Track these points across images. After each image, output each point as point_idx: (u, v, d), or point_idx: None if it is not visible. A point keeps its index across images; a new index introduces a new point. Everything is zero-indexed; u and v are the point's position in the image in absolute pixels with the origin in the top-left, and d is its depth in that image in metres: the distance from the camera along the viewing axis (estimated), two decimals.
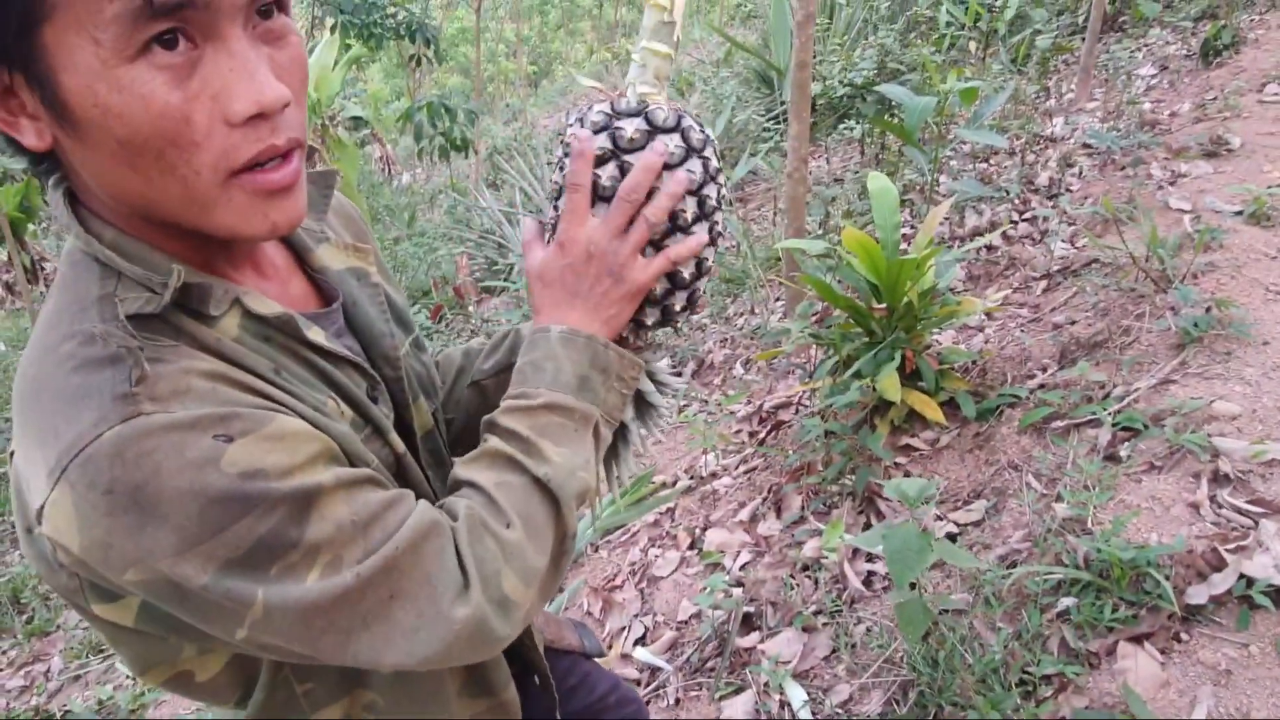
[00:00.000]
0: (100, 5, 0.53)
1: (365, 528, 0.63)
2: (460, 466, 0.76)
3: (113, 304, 0.62)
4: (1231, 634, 1.56)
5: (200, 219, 0.62)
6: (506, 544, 0.70)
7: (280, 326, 0.71)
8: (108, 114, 0.56)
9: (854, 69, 4.92)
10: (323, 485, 0.61)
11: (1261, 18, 5.26)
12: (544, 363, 0.79)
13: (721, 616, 2.20)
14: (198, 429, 0.57)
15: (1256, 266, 2.61)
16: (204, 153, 0.59)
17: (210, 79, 0.58)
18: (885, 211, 2.45)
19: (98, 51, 0.54)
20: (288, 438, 0.61)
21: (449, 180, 10.49)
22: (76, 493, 0.56)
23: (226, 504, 0.57)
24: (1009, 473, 2.20)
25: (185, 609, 0.60)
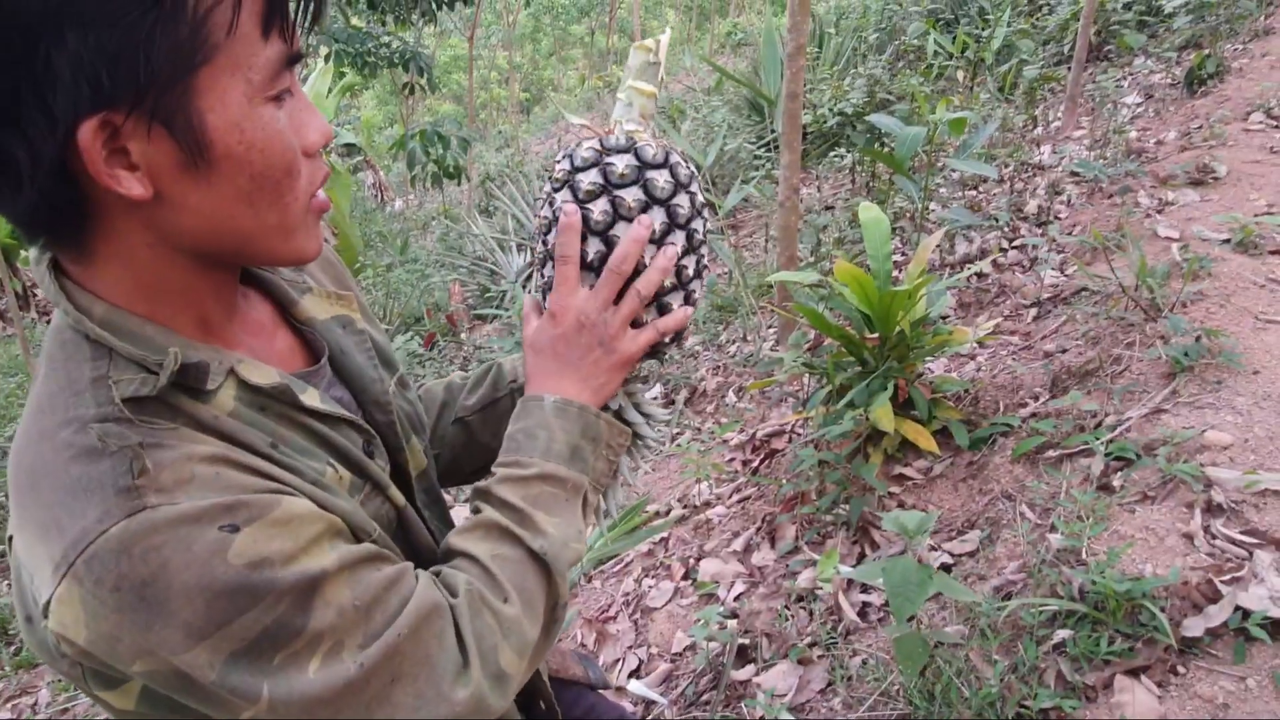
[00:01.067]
0: (257, 50, 0.59)
1: (367, 611, 0.64)
2: (455, 537, 0.77)
3: (107, 387, 0.61)
4: (1228, 667, 1.55)
5: (282, 245, 0.68)
6: (504, 619, 0.71)
7: (276, 396, 0.71)
8: (251, 149, 0.61)
9: (844, 98, 4.97)
10: (326, 571, 0.62)
11: (1245, 47, 5.34)
12: (537, 431, 0.81)
13: (716, 648, 2.19)
14: (204, 521, 0.57)
15: (1245, 295, 2.63)
16: (301, 181, 0.66)
17: (294, 118, 0.65)
18: (877, 242, 2.47)
19: (248, 90, 0.60)
20: (293, 522, 0.61)
21: (442, 207, 10.53)
22: (84, 589, 0.55)
23: (233, 597, 0.57)
24: (1003, 502, 2.20)
25: (191, 697, 0.60)
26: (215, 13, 0.57)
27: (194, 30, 0.56)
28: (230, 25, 0.57)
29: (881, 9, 7.68)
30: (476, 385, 1.06)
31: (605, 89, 13.56)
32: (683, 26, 21.34)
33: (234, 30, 0.58)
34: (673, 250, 0.82)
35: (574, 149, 0.84)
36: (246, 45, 0.59)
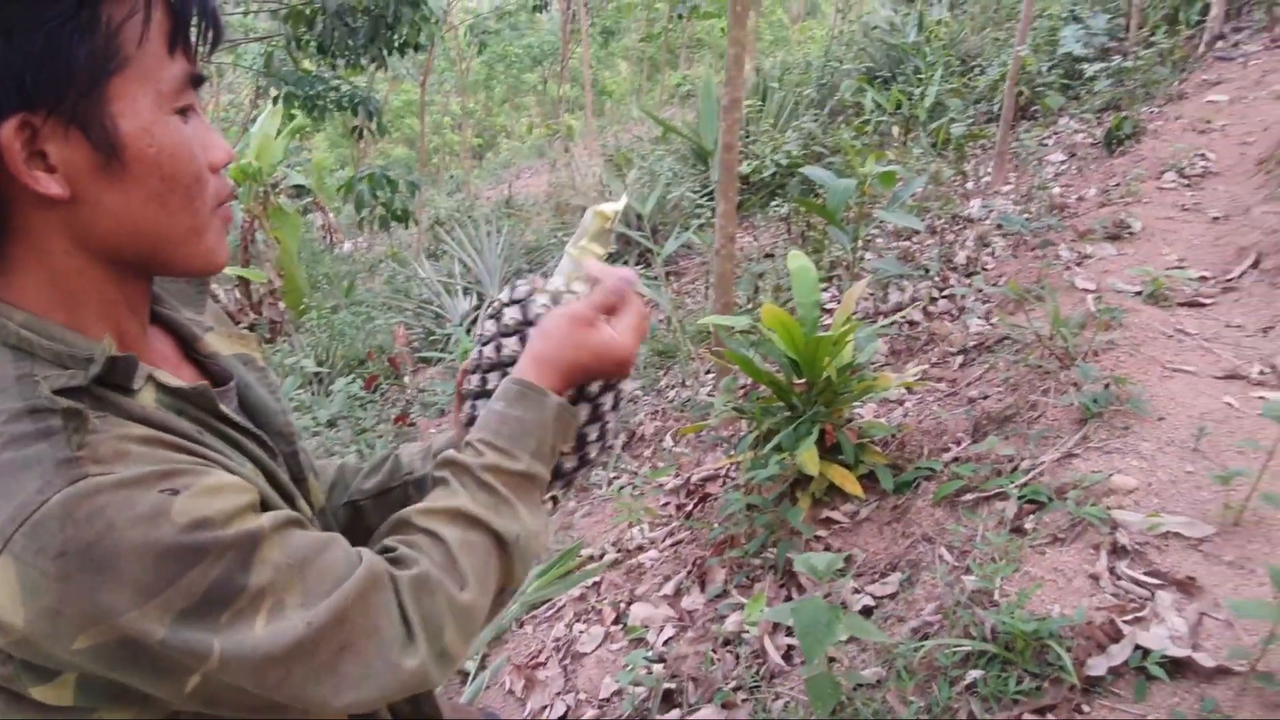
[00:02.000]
0: (164, 64, 0.66)
1: (300, 569, 0.66)
2: (422, 515, 0.79)
3: (34, 383, 0.63)
4: (1129, 705, 1.59)
5: (194, 248, 0.72)
6: (457, 605, 0.74)
7: (194, 399, 0.74)
8: (161, 152, 0.66)
9: (780, 150, 5.11)
10: (262, 528, 0.65)
11: (1160, 110, 5.63)
12: (532, 429, 0.84)
13: (643, 694, 2.18)
14: (144, 484, 0.60)
15: (1154, 345, 2.75)
16: (207, 188, 0.71)
17: (199, 135, 0.71)
18: (805, 290, 2.54)
19: (157, 99, 0.66)
20: (225, 489, 0.64)
21: (390, 249, 10.49)
22: (22, 563, 0.56)
23: (179, 554, 0.59)
24: (923, 545, 2.24)
25: (138, 668, 0.60)
26: (127, 26, 0.63)
27: (108, 40, 0.62)
28: (140, 38, 0.63)
29: (822, 66, 7.95)
30: (373, 471, 1.08)
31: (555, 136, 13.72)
32: (634, 78, 21.76)
33: (144, 43, 0.64)
34: None
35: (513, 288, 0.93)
36: (155, 59, 0.65)
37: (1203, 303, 3.19)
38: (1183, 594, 1.77)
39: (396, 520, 0.80)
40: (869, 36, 8.23)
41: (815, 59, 8.57)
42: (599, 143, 10.83)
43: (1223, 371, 2.61)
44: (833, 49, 8.81)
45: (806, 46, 14.39)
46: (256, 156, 8.50)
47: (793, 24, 21.52)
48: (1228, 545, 1.88)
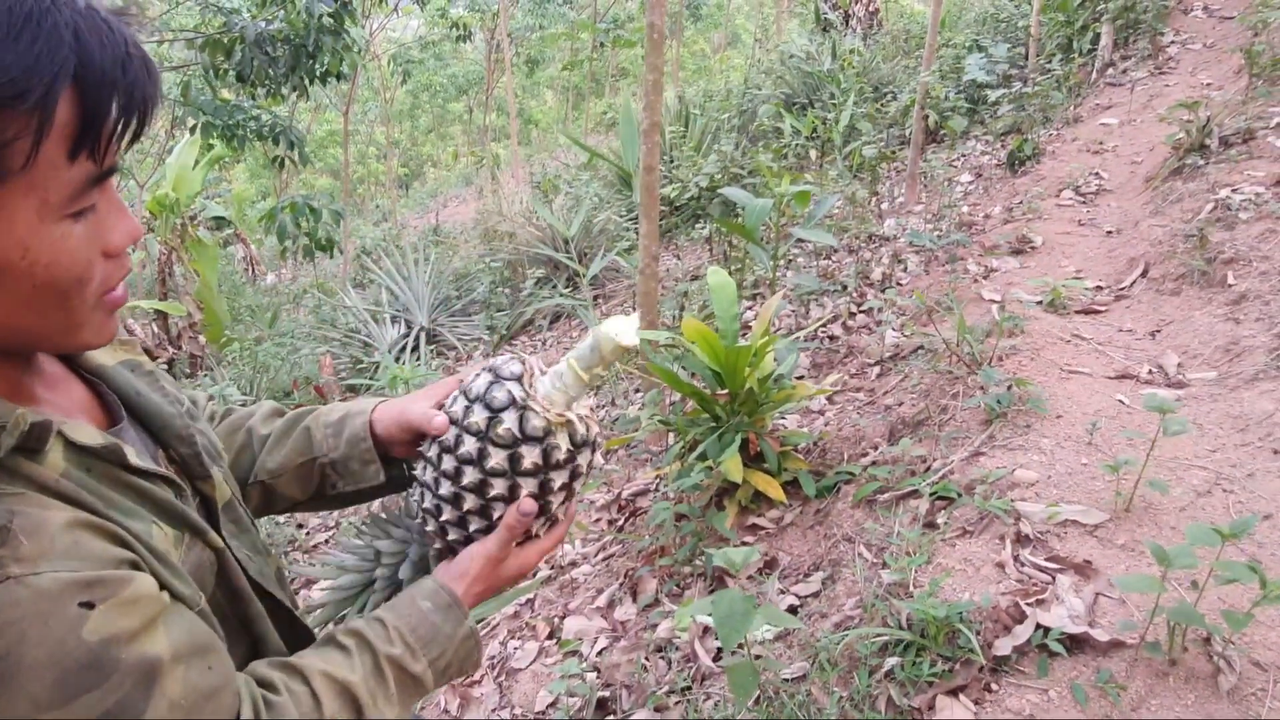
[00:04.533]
0: (60, 173, 0.60)
1: (189, 712, 0.65)
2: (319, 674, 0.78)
3: None
4: (1034, 681, 1.69)
5: (65, 339, 0.69)
6: None
7: (105, 456, 0.72)
8: (35, 265, 0.61)
9: (700, 172, 5.25)
10: (162, 659, 0.63)
11: (1058, 132, 5.95)
12: (442, 640, 0.86)
13: (577, 703, 2.21)
14: (63, 597, 0.58)
15: (1053, 349, 2.91)
16: (93, 284, 0.67)
17: (98, 224, 0.66)
18: (724, 303, 2.62)
19: (41, 210, 0.60)
20: (140, 601, 0.63)
21: (315, 280, 10.34)
22: None
23: (82, 673, 0.58)
24: (844, 545, 2.33)
25: None
26: (14, 144, 0.57)
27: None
28: (28, 158, 0.58)
29: (742, 93, 8.17)
30: (278, 443, 1.05)
31: (480, 164, 13.73)
32: (560, 106, 21.92)
33: (31, 161, 0.58)
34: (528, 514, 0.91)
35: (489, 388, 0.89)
36: (47, 170, 0.59)
37: (1097, 310, 3.39)
38: (1080, 576, 1.89)
39: (292, 666, 0.80)
40: (786, 65, 8.51)
41: (735, 86, 8.80)
42: (526, 170, 10.90)
43: (1115, 372, 2.78)
44: (752, 76, 9.06)
45: (728, 75, 14.74)
46: (173, 188, 8.33)
47: (714, 54, 22.01)
48: (1119, 530, 2.01)
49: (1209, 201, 3.80)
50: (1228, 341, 2.81)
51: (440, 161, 23.36)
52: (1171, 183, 4.28)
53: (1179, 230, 3.68)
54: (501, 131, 21.29)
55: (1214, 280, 3.23)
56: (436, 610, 0.87)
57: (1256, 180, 3.82)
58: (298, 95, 8.06)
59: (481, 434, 0.87)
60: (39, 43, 0.57)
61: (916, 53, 8.51)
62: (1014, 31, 7.89)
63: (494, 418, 0.87)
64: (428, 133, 23.65)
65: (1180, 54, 6.55)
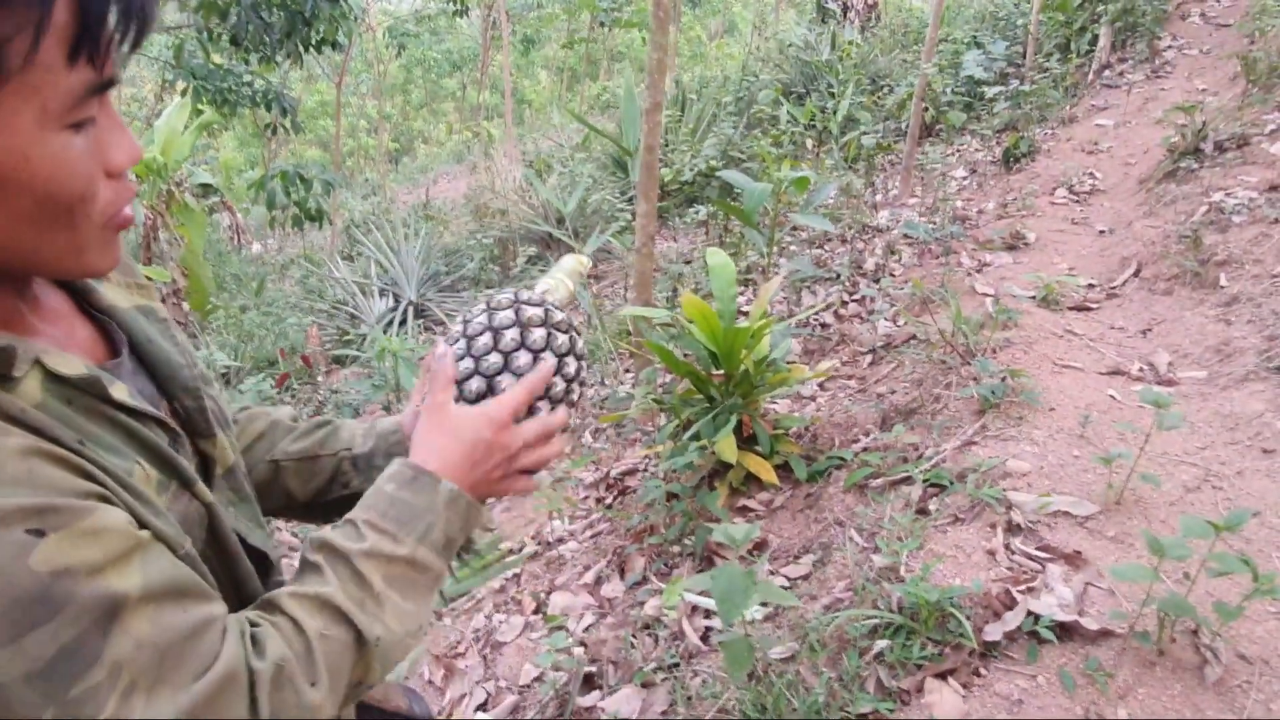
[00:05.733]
0: (59, 78, 0.57)
1: (163, 658, 0.60)
2: (288, 597, 0.74)
3: None
4: (1023, 666, 1.71)
5: (70, 261, 0.66)
6: (305, 702, 0.68)
7: (85, 388, 0.68)
8: (35, 176, 0.59)
9: (700, 156, 5.24)
10: (129, 595, 0.59)
11: (1053, 132, 5.97)
12: (423, 514, 0.80)
13: (563, 677, 2.21)
14: (9, 523, 0.54)
15: (1046, 343, 2.93)
16: (97, 203, 0.64)
17: (99, 140, 0.63)
18: (723, 284, 2.62)
19: (41, 117, 0.58)
20: (103, 534, 0.59)
21: (303, 250, 10.26)
22: None
23: (31, 605, 0.54)
24: (835, 528, 2.34)
25: None
26: (12, 43, 0.55)
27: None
28: (27, 55, 0.55)
29: (739, 80, 8.14)
30: (304, 435, 1.04)
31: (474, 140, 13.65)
32: (554, 88, 21.79)
33: (31, 59, 0.56)
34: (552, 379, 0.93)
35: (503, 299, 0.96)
36: (46, 73, 0.57)
37: (1090, 307, 3.41)
38: (1070, 566, 1.90)
39: (265, 600, 0.74)
40: (785, 53, 8.49)
41: (733, 73, 8.77)
42: (519, 149, 10.84)
43: (1106, 368, 2.80)
44: (750, 64, 9.04)
45: (723, 63, 14.70)
46: (161, 151, 8.21)
47: (710, 41, 21.93)
48: (1110, 522, 2.02)
49: (1202, 204, 3.83)
50: (1219, 342, 2.84)
51: (431, 137, 23.18)
52: (1165, 185, 4.31)
53: (1172, 231, 3.71)
54: (495, 110, 21.14)
55: (1206, 281, 3.26)
56: (401, 487, 0.82)
57: (1250, 185, 3.85)
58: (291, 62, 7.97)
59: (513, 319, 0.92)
60: None
61: (914, 47, 8.51)
62: (1012, 30, 7.90)
63: (519, 308, 0.92)
64: (420, 108, 23.46)
65: (1177, 59, 6.58)
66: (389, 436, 1.04)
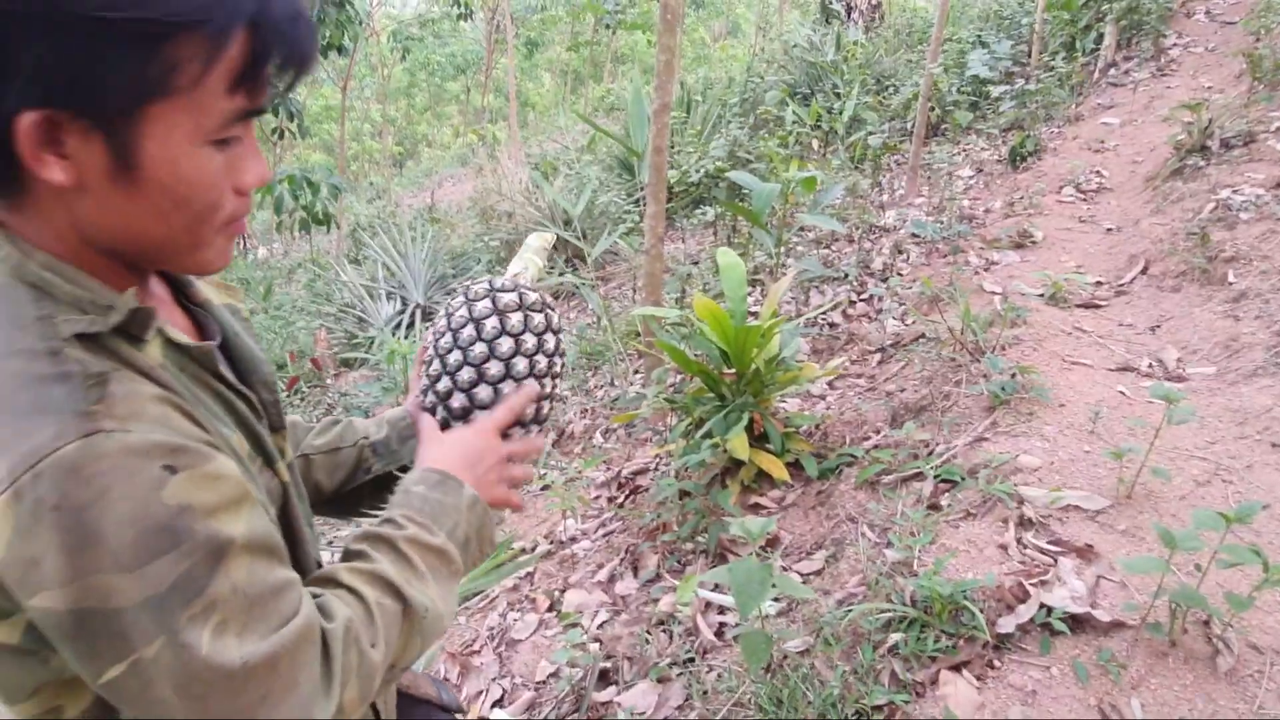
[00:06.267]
0: (218, 102, 0.65)
1: (251, 605, 0.65)
2: (344, 571, 0.80)
3: (53, 325, 0.64)
4: (1036, 658, 1.72)
5: (188, 256, 0.73)
6: (367, 662, 0.74)
7: (198, 358, 0.76)
8: (179, 182, 0.66)
9: (707, 157, 5.25)
10: (234, 540, 0.64)
11: (1059, 130, 5.98)
12: (450, 511, 0.89)
13: (579, 673, 2.23)
14: (149, 456, 0.61)
15: (1054, 340, 2.94)
16: (221, 213, 0.71)
17: (236, 159, 0.71)
18: (733, 283, 2.64)
19: (193, 133, 0.65)
20: (220, 479, 0.65)
21: (310, 255, 10.29)
22: (22, 504, 0.57)
23: (159, 535, 0.60)
24: (847, 525, 2.36)
25: (78, 640, 0.60)
26: (188, 64, 0.62)
27: (162, 72, 0.62)
28: (198, 79, 0.63)
29: (744, 81, 8.16)
30: (324, 431, 1.12)
31: (479, 143, 13.69)
32: (558, 90, 21.82)
33: (199, 84, 0.63)
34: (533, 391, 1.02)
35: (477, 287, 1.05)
36: (207, 96, 0.64)
37: (1098, 304, 3.42)
38: (1082, 560, 1.92)
39: (322, 575, 0.80)
40: (789, 54, 8.50)
41: (738, 75, 8.79)
42: (524, 151, 10.88)
43: (1116, 364, 2.82)
44: (754, 65, 9.06)
45: (728, 64, 14.72)
46: None
47: (714, 43, 21.96)
48: (1121, 516, 2.04)
49: (1210, 201, 3.84)
50: (1227, 338, 2.85)
51: (435, 141, 23.23)
52: (1172, 182, 4.32)
53: (1179, 229, 3.72)
54: (498, 113, 21.18)
55: (1214, 278, 3.27)
56: (431, 488, 0.90)
57: (1257, 182, 3.86)
58: None
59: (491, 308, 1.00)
60: None
61: (919, 46, 8.52)
62: (1017, 29, 7.90)
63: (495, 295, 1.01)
64: (424, 111, 23.51)
65: (1182, 56, 6.58)
66: (399, 423, 1.13)
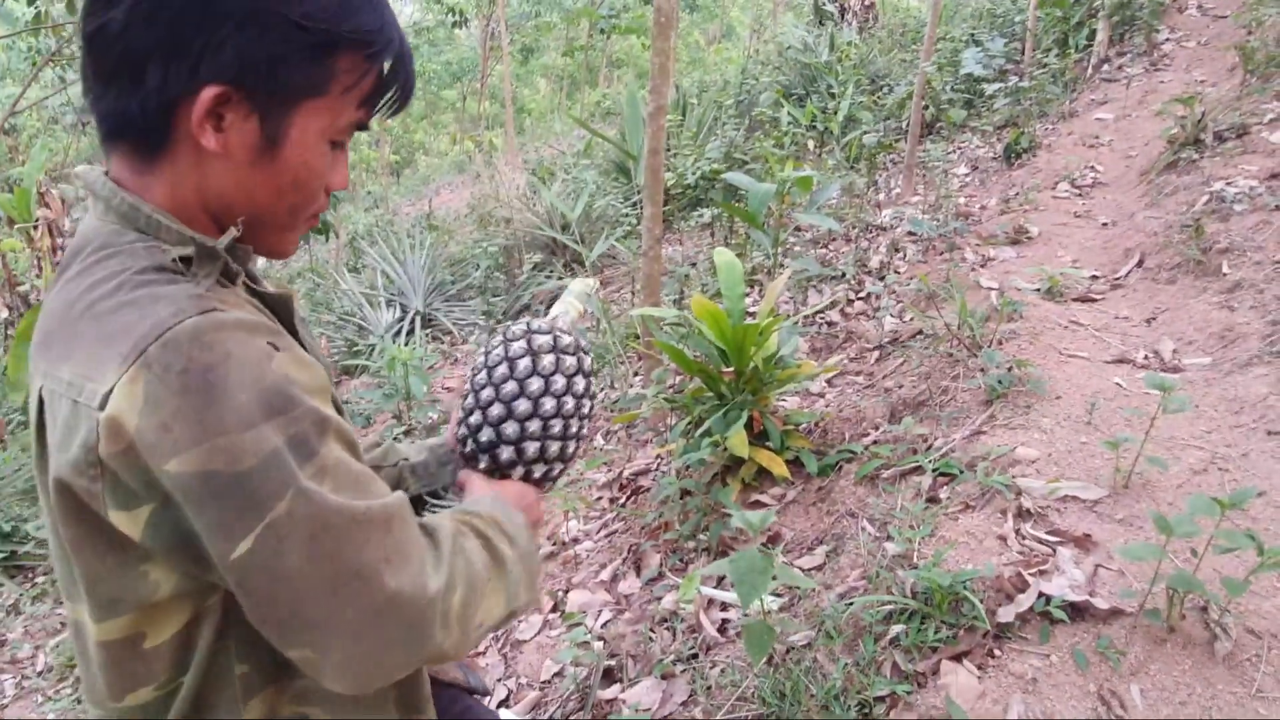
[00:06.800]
0: (349, 109, 0.81)
1: (355, 478, 0.73)
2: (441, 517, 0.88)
3: (161, 251, 0.75)
4: (1036, 647, 1.74)
5: (275, 237, 0.85)
6: (473, 573, 0.82)
7: (277, 306, 0.88)
8: (303, 167, 0.81)
9: (704, 159, 5.28)
10: (330, 420, 0.72)
11: (1054, 127, 6.01)
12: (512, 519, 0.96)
13: (583, 672, 2.24)
14: (257, 332, 0.70)
15: (1051, 334, 2.96)
16: (315, 202, 0.85)
17: (335, 162, 0.85)
18: (731, 282, 2.66)
19: (325, 130, 0.80)
20: (313, 368, 0.74)
21: (309, 264, 10.31)
22: (151, 373, 0.64)
23: (275, 395, 0.68)
24: (847, 520, 2.37)
25: (214, 503, 0.65)
26: (345, 74, 0.79)
27: (327, 76, 0.78)
28: (347, 89, 0.79)
29: (739, 83, 8.19)
30: (366, 451, 1.16)
31: (475, 150, 13.73)
32: (553, 95, 21.88)
33: (346, 94, 0.80)
34: None
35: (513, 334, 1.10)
36: (347, 105, 0.80)
37: (1094, 298, 3.44)
38: (1080, 549, 1.94)
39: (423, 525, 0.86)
40: (784, 56, 8.53)
41: (732, 77, 8.83)
42: (521, 157, 10.90)
43: (1112, 357, 2.83)
44: (749, 67, 9.09)
45: (722, 68, 14.76)
46: None
47: (708, 46, 22.01)
48: (1118, 506, 2.06)
49: (1204, 194, 3.86)
50: (1222, 328, 2.87)
51: (432, 149, 23.27)
52: (1166, 176, 4.34)
53: (1174, 222, 3.74)
54: (494, 119, 21.21)
55: (1209, 269, 3.29)
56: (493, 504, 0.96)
57: (1250, 174, 3.88)
58: None
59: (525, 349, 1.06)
60: (386, 14, 0.81)
61: (912, 46, 8.55)
62: (1010, 26, 7.94)
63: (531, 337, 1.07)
64: (420, 119, 23.55)
65: (1175, 51, 6.61)
66: (437, 449, 1.20)
